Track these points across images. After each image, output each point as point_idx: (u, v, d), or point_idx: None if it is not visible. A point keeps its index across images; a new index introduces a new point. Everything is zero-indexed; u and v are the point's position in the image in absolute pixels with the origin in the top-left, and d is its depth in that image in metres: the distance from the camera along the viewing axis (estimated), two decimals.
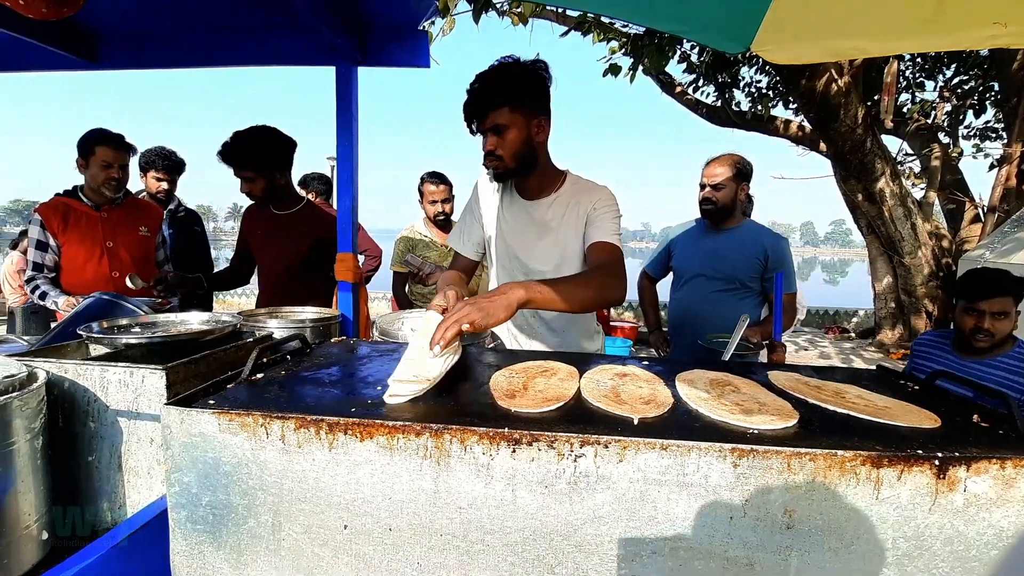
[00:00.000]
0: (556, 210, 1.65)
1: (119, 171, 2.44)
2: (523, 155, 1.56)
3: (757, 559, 0.77)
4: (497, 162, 1.55)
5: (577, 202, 1.63)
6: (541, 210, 1.67)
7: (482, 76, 1.50)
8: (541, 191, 1.67)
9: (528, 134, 1.54)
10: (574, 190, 1.66)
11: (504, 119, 1.49)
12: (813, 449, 0.75)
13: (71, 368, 1.16)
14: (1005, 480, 0.75)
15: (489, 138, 1.52)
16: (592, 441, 0.78)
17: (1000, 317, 2.03)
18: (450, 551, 0.82)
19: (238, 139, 2.31)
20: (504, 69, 1.49)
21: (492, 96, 1.48)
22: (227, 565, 0.89)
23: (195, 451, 0.87)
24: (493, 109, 1.48)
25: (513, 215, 1.71)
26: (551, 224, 1.66)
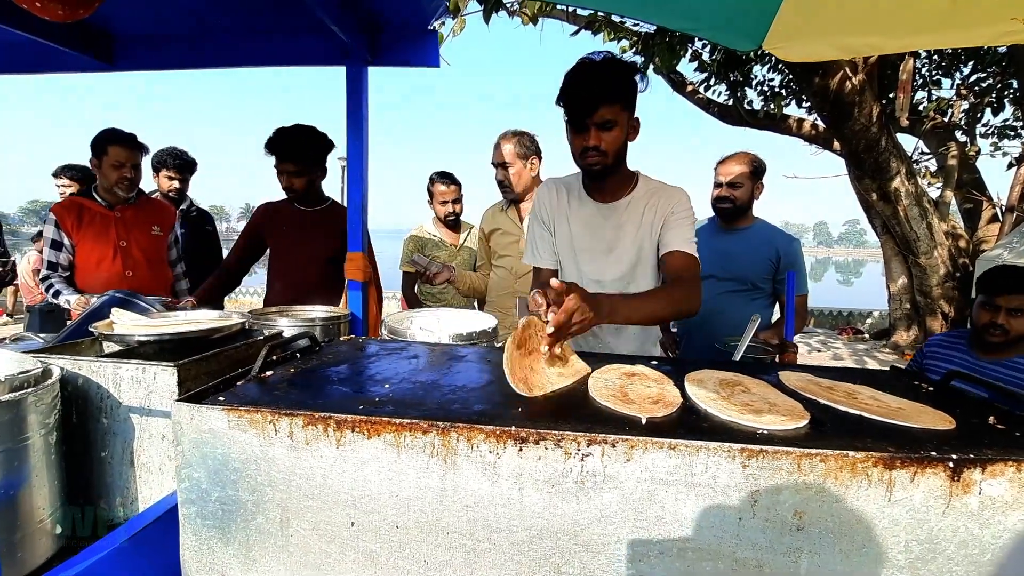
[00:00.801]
0: (633, 211, 1.63)
1: (131, 170, 2.47)
2: (621, 153, 1.55)
3: (766, 561, 0.76)
4: (600, 157, 1.51)
5: (655, 204, 1.62)
6: (617, 212, 1.64)
7: (593, 69, 1.46)
8: (616, 192, 1.65)
9: (627, 133, 1.54)
10: (649, 191, 1.64)
11: (614, 115, 1.47)
12: (824, 450, 0.74)
13: (85, 365, 1.18)
14: (1022, 483, 0.73)
15: (594, 133, 1.48)
16: (599, 440, 0.77)
17: (1017, 314, 2.01)
18: (456, 549, 0.82)
19: (292, 132, 2.38)
20: (615, 65, 1.47)
21: (605, 90, 1.45)
22: (236, 560, 0.89)
23: (205, 447, 0.87)
24: (606, 104, 1.45)
25: (585, 218, 1.68)
26: (627, 226, 1.63)
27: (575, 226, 1.69)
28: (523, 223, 2.67)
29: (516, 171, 2.60)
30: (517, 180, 2.61)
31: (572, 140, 1.55)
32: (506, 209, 2.75)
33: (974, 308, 2.14)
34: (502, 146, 2.59)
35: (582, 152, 1.52)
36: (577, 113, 1.48)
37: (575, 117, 1.49)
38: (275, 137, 2.39)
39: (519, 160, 2.58)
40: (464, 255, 3.19)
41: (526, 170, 2.62)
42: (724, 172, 2.37)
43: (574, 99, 1.47)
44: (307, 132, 2.42)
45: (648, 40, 6.03)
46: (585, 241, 1.68)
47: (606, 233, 1.65)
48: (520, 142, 2.58)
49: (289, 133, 2.38)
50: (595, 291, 1.60)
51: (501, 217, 2.77)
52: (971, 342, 2.18)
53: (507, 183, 2.62)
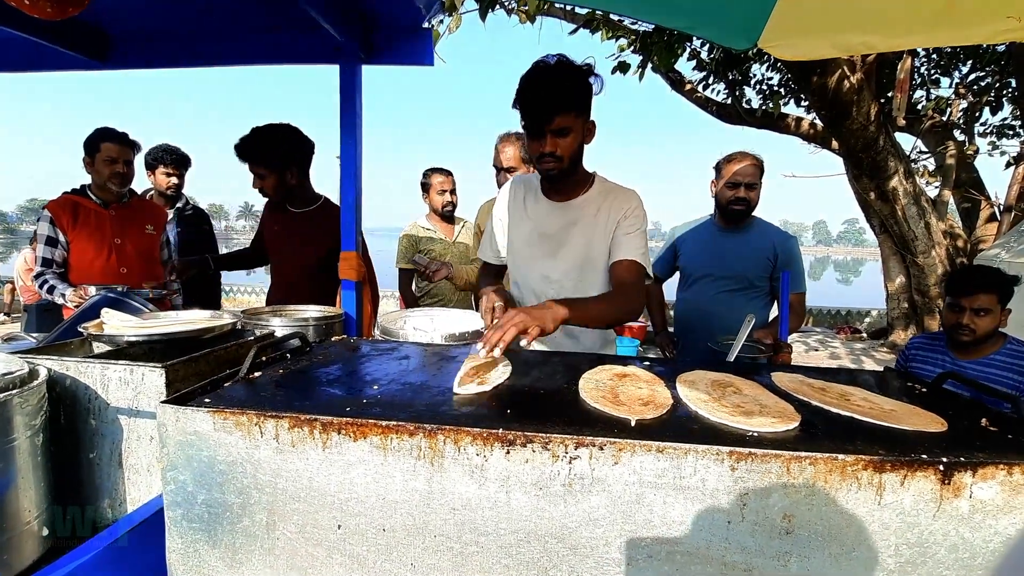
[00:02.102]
0: (587, 210, 1.64)
1: (124, 166, 2.47)
2: (576, 157, 1.58)
3: (755, 564, 0.76)
4: (556, 163, 1.53)
5: (609, 205, 1.63)
6: (572, 210, 1.66)
7: (547, 76, 1.47)
8: (571, 193, 1.67)
9: (582, 137, 1.56)
10: (604, 191, 1.66)
11: (568, 122, 1.48)
12: (813, 453, 0.73)
13: (72, 366, 1.17)
14: (1013, 486, 0.73)
15: (549, 139, 1.50)
16: (587, 443, 0.77)
17: (981, 314, 2.04)
18: (444, 552, 0.82)
19: (253, 135, 2.31)
20: (568, 71, 1.48)
21: (561, 99, 1.46)
22: (222, 563, 0.89)
23: (190, 449, 0.86)
24: (561, 113, 1.47)
25: (540, 216, 1.70)
26: (581, 223, 1.65)
27: (528, 223, 1.72)
28: None
29: (520, 174, 2.58)
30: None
31: (529, 145, 1.57)
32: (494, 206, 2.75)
33: (943, 310, 2.18)
34: (506, 150, 2.59)
35: (539, 157, 1.55)
36: (533, 120, 1.50)
37: (531, 124, 1.51)
38: (238, 143, 2.32)
39: (523, 164, 2.58)
40: (459, 248, 3.22)
41: (529, 173, 2.61)
42: (741, 173, 2.30)
43: (530, 107, 1.49)
44: (268, 133, 2.33)
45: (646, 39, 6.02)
46: (536, 238, 1.70)
47: (557, 231, 1.67)
48: (523, 145, 2.57)
49: (250, 137, 2.30)
50: (544, 288, 1.67)
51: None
52: (948, 343, 2.21)
53: None
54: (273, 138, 2.32)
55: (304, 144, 2.41)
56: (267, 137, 2.31)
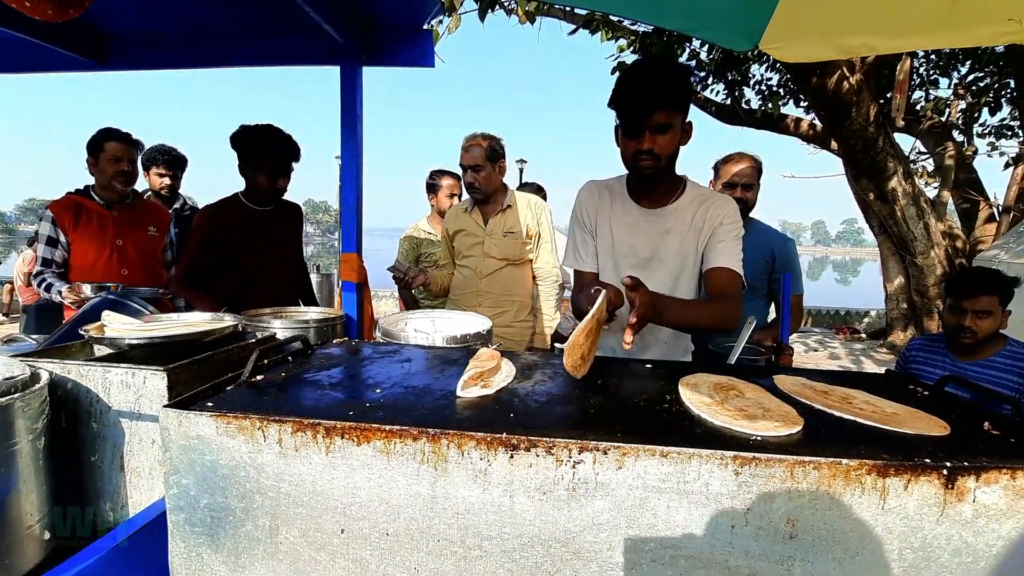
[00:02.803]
0: (679, 219, 1.61)
1: (128, 165, 2.48)
2: (673, 156, 1.54)
3: (759, 569, 0.76)
4: (654, 161, 1.49)
5: (704, 212, 1.60)
6: (663, 218, 1.62)
7: (650, 71, 1.46)
8: (663, 198, 1.63)
9: (679, 137, 1.52)
10: (697, 198, 1.62)
11: (668, 119, 1.45)
12: (817, 457, 0.74)
13: (74, 369, 1.17)
14: (1016, 491, 0.73)
15: (648, 136, 1.46)
16: (591, 447, 0.77)
17: (983, 316, 2.05)
18: (447, 557, 0.82)
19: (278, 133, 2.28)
20: (670, 68, 1.46)
21: (661, 94, 1.43)
22: (225, 568, 0.88)
23: (193, 454, 0.86)
24: (661, 108, 1.43)
25: (629, 223, 1.66)
26: (673, 233, 1.61)
27: (618, 231, 1.66)
28: (487, 224, 2.74)
29: (486, 174, 2.64)
30: (487, 183, 2.66)
31: (624, 143, 1.53)
32: (470, 210, 2.80)
33: (944, 312, 2.18)
34: (472, 149, 2.62)
35: (635, 155, 1.50)
36: (632, 116, 1.46)
37: (630, 120, 1.48)
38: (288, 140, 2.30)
39: (489, 163, 2.62)
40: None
41: (495, 173, 2.67)
42: (738, 174, 2.31)
43: (629, 102, 1.46)
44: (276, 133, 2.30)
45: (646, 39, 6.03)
46: (627, 247, 1.65)
47: (650, 240, 1.62)
48: (490, 146, 2.62)
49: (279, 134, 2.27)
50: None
51: (465, 218, 2.81)
52: (949, 345, 2.21)
53: (476, 185, 2.66)
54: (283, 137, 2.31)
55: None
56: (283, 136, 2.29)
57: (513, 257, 2.73)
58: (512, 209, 2.74)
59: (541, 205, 2.79)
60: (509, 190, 2.79)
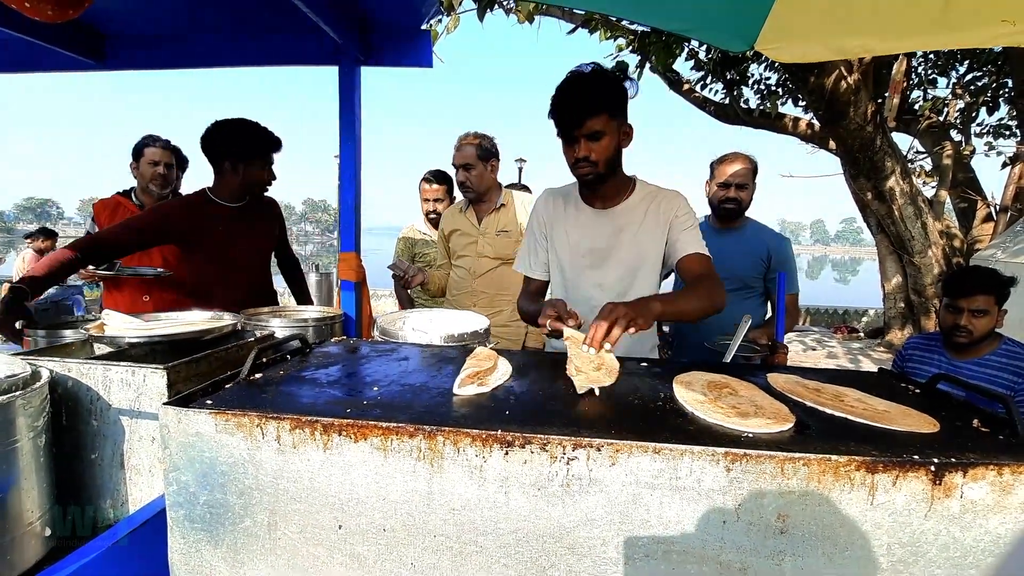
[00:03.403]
0: (631, 216, 1.66)
1: (165, 168, 2.66)
2: (612, 161, 1.58)
3: (750, 564, 0.77)
4: (590, 168, 1.55)
5: (656, 208, 1.64)
6: (615, 217, 1.67)
7: (578, 82, 1.50)
8: (614, 198, 1.68)
9: (618, 141, 1.57)
10: (647, 195, 1.67)
11: (601, 125, 1.50)
12: (807, 454, 0.75)
13: (74, 367, 1.18)
14: (1003, 487, 0.74)
15: (583, 144, 1.52)
16: (584, 444, 0.78)
17: (978, 315, 2.07)
18: (444, 552, 0.83)
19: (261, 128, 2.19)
20: (599, 77, 1.50)
21: (592, 102, 1.48)
22: (224, 564, 0.90)
23: (192, 451, 0.87)
24: (592, 116, 1.48)
25: (583, 224, 1.71)
26: (626, 231, 1.66)
27: (573, 233, 1.72)
28: (481, 224, 2.76)
29: (477, 173, 2.65)
30: (479, 182, 2.67)
31: (565, 152, 1.58)
32: (465, 210, 2.82)
33: (940, 311, 2.20)
34: (464, 148, 2.64)
35: (574, 163, 1.56)
36: (566, 126, 1.52)
37: (564, 130, 1.53)
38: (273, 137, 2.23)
39: (480, 162, 2.63)
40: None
41: (487, 172, 2.68)
42: (733, 174, 2.33)
43: (562, 112, 1.51)
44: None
45: (644, 39, 6.04)
46: (584, 247, 1.70)
47: (604, 239, 1.67)
48: (481, 145, 2.63)
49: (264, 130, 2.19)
50: (598, 296, 1.65)
51: (460, 218, 2.83)
52: (945, 344, 2.23)
53: (468, 184, 2.67)
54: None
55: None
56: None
57: (507, 256, 2.73)
58: (506, 208, 2.75)
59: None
60: (503, 189, 2.80)
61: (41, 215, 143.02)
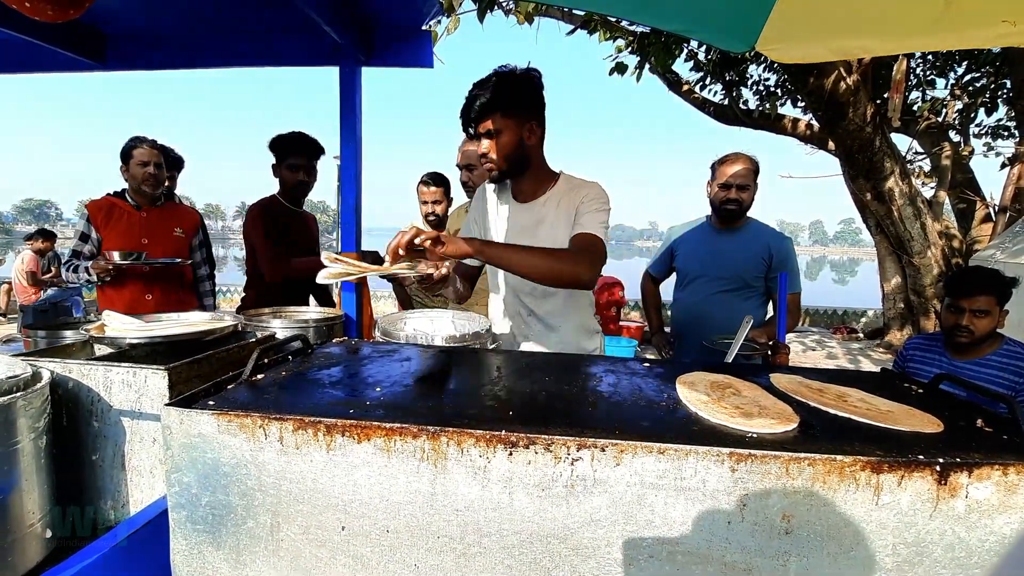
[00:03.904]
0: (548, 208, 1.71)
1: (155, 168, 2.65)
2: (514, 158, 1.63)
3: (755, 564, 0.77)
4: (490, 164, 1.63)
5: (569, 199, 1.69)
6: (535, 210, 1.73)
7: (477, 84, 1.59)
8: (535, 192, 1.74)
9: (520, 138, 1.62)
10: (566, 188, 1.72)
11: (496, 124, 1.57)
12: (812, 454, 0.74)
13: (75, 368, 1.18)
14: (1008, 486, 0.74)
15: (483, 141, 1.60)
16: (589, 444, 0.77)
17: (980, 315, 2.07)
18: (447, 553, 0.83)
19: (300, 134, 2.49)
20: (496, 77, 1.58)
21: (485, 102, 1.55)
22: (226, 565, 0.89)
23: (194, 452, 0.87)
24: (486, 115, 1.56)
25: (507, 217, 1.79)
26: (544, 221, 1.71)
27: (498, 226, 1.80)
28: None
29: (479, 173, 2.65)
30: (480, 182, 2.67)
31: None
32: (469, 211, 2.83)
33: (942, 312, 2.20)
34: (466, 149, 2.66)
35: (480, 159, 1.65)
36: (465, 127, 1.63)
37: (465, 131, 1.65)
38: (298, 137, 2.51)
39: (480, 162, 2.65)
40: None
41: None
42: (733, 175, 2.32)
43: (461, 113, 1.61)
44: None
45: (644, 40, 6.03)
46: (507, 237, 1.76)
47: (525, 231, 1.73)
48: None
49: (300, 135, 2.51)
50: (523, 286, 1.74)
51: (465, 218, 2.84)
52: (946, 344, 2.23)
53: (471, 184, 2.70)
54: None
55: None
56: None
57: None
58: None
59: None
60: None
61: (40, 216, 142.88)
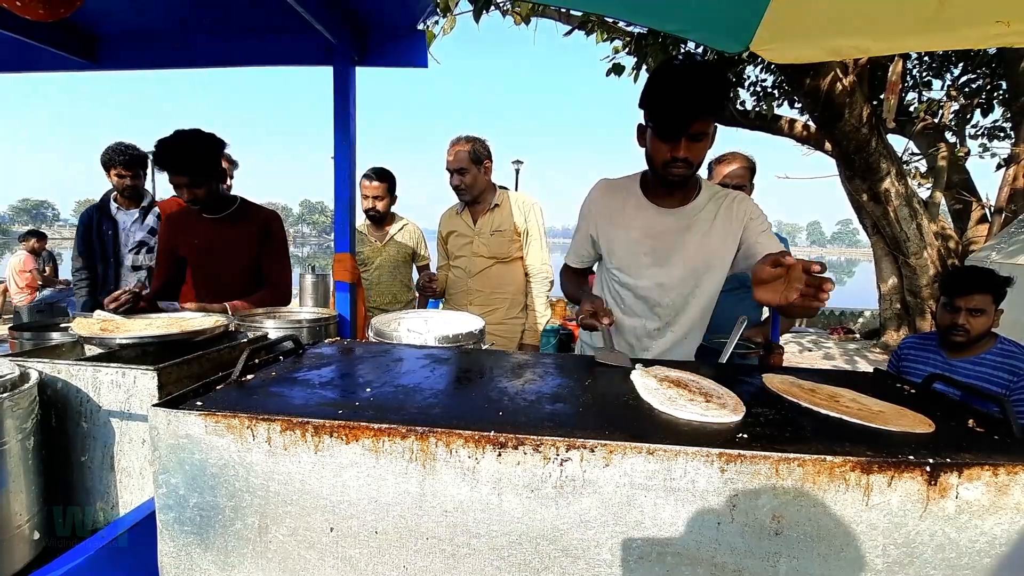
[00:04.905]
0: (703, 215, 1.62)
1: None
2: (703, 162, 1.53)
3: (745, 565, 0.76)
4: (687, 169, 1.48)
5: (728, 210, 1.62)
6: (682, 217, 1.63)
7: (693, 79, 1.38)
8: (683, 199, 1.64)
9: (711, 143, 1.51)
10: (713, 197, 1.65)
11: (706, 127, 1.43)
12: (802, 455, 0.74)
13: (64, 369, 1.17)
14: (998, 487, 0.74)
15: (685, 144, 1.44)
16: (578, 445, 0.77)
17: (976, 314, 2.08)
18: (436, 555, 0.82)
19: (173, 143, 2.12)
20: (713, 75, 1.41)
21: (704, 103, 1.39)
22: (215, 567, 0.88)
23: (182, 453, 0.86)
24: (702, 117, 1.40)
25: (649, 222, 1.65)
26: (695, 229, 1.62)
27: (635, 230, 1.66)
28: (476, 224, 2.79)
29: (471, 175, 2.68)
30: (473, 183, 2.70)
31: (656, 147, 1.49)
32: (461, 212, 2.86)
33: (938, 311, 2.21)
34: (457, 152, 2.67)
35: (668, 162, 1.48)
36: (671, 123, 1.42)
37: (668, 126, 1.43)
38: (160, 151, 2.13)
39: (474, 165, 2.66)
40: (390, 250, 3.25)
41: (481, 174, 2.71)
42: (728, 175, 2.33)
43: (668, 109, 1.41)
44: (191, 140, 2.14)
45: (641, 41, 6.04)
46: (646, 245, 1.65)
47: (669, 239, 1.63)
48: (473, 148, 2.65)
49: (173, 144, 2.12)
50: (659, 295, 1.65)
51: (456, 220, 2.87)
52: (941, 343, 2.23)
53: (463, 187, 2.70)
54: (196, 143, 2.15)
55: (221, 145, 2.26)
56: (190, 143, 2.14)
57: (501, 255, 2.75)
58: (500, 208, 2.76)
59: (530, 203, 2.81)
60: (498, 189, 2.81)
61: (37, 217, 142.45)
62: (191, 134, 2.15)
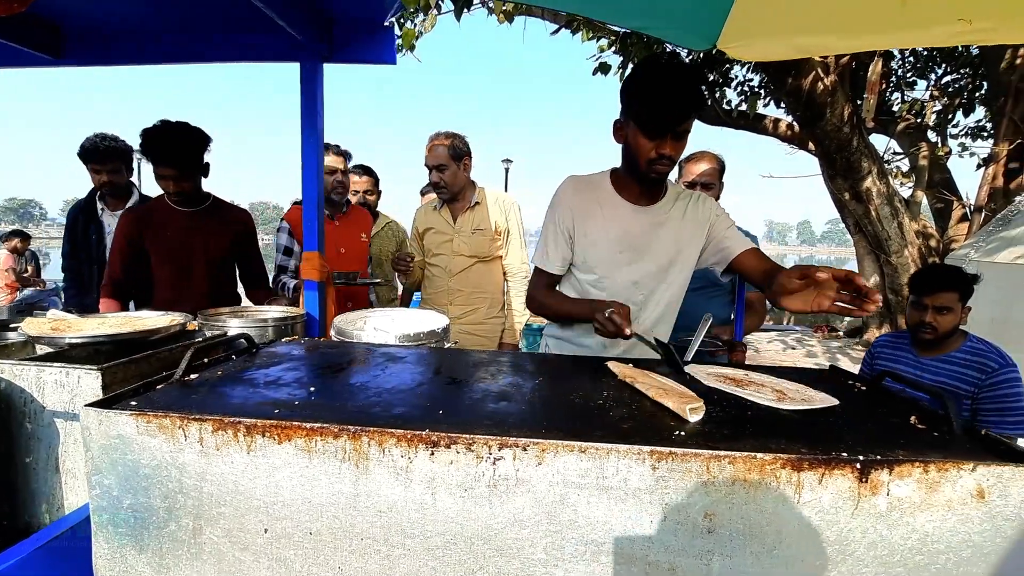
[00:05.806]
0: (673, 212, 1.66)
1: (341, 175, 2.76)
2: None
3: (679, 564, 0.76)
4: (669, 166, 1.50)
5: (695, 208, 1.67)
6: (657, 213, 1.65)
7: (682, 78, 1.38)
8: (653, 196, 1.65)
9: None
10: (679, 194, 1.70)
11: (690, 125, 1.45)
12: (732, 452, 0.74)
13: (7, 368, 1.15)
14: (929, 484, 0.74)
15: (670, 142, 1.44)
16: (511, 444, 0.76)
17: (943, 312, 2.09)
18: (371, 555, 0.81)
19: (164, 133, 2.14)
20: (697, 73, 1.45)
21: (693, 103, 1.40)
22: (149, 569, 0.87)
23: (115, 453, 0.85)
24: (690, 115, 1.42)
25: (623, 220, 1.64)
26: (668, 225, 1.65)
27: (612, 228, 1.65)
28: (456, 222, 2.76)
29: (451, 172, 2.65)
30: (453, 181, 2.67)
31: (641, 144, 1.48)
32: (439, 208, 2.82)
33: (907, 309, 2.23)
34: (436, 148, 2.64)
35: (654, 159, 1.47)
36: (659, 121, 1.41)
37: (656, 124, 1.42)
38: (147, 140, 2.12)
39: (453, 162, 2.64)
40: (374, 246, 3.23)
41: (460, 171, 2.68)
42: (698, 173, 2.32)
43: (659, 106, 1.40)
44: (180, 131, 2.16)
45: (626, 39, 6.04)
46: (623, 243, 1.65)
47: (643, 234, 1.64)
48: (453, 144, 2.63)
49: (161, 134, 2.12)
50: (631, 292, 1.66)
51: (434, 216, 2.83)
52: (912, 341, 2.26)
53: (443, 184, 2.67)
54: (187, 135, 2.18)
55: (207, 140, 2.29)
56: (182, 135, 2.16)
57: (482, 254, 2.73)
58: (480, 206, 2.74)
59: (510, 201, 2.80)
60: (477, 187, 2.79)
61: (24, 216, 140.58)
62: (179, 125, 2.20)
